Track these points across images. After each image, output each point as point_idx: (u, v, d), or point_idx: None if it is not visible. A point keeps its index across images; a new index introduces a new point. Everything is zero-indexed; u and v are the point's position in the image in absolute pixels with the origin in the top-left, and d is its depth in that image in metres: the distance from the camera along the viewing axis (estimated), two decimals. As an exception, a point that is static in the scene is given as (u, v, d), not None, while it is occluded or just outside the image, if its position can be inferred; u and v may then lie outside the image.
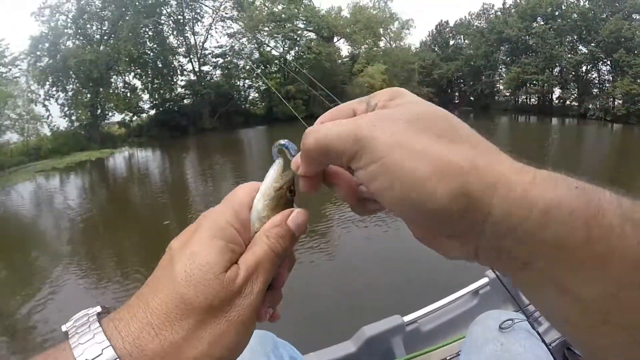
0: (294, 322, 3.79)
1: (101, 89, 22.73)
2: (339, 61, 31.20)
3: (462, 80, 42.56)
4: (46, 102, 21.52)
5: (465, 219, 0.27)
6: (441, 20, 44.00)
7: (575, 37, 30.53)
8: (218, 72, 27.56)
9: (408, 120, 0.30)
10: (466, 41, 41.15)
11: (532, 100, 35.31)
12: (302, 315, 3.88)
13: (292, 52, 28.41)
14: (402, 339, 1.69)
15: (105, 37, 23.36)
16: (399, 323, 1.69)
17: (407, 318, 1.76)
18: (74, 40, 22.73)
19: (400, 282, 4.50)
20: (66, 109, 22.21)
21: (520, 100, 35.93)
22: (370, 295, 4.27)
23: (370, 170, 0.30)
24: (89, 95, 22.40)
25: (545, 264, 0.26)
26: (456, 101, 43.40)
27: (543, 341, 0.92)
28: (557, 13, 31.28)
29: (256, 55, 28.50)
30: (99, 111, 22.87)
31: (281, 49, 28.11)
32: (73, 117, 22.21)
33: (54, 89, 22.00)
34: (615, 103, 27.16)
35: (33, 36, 21.29)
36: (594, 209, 0.25)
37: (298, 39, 28.27)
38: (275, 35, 27.67)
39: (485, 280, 2.00)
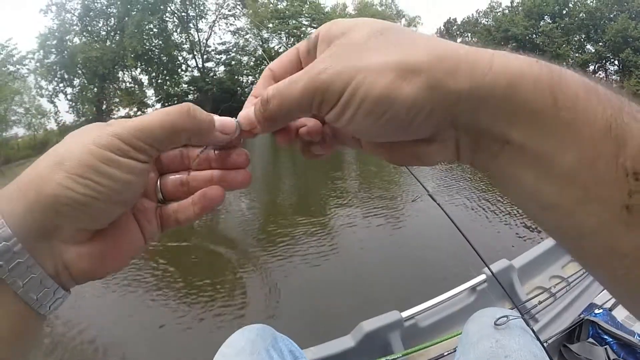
0: (294, 317, 3.81)
1: (107, 84, 23.01)
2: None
3: (468, 79, 42.38)
4: (54, 98, 21.88)
5: (437, 111, 0.28)
6: (449, 18, 43.93)
7: (583, 36, 30.31)
8: (221, 68, 27.77)
9: (358, 45, 0.30)
10: (474, 39, 41.00)
11: (539, 99, 35.09)
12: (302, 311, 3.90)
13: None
14: (400, 334, 1.71)
15: (112, 34, 23.59)
16: (397, 318, 1.70)
17: (405, 314, 1.77)
18: (80, 37, 23.09)
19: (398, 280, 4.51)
20: (73, 103, 22.54)
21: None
22: (368, 290, 4.29)
23: (339, 105, 0.29)
24: (95, 91, 22.74)
25: (520, 135, 0.26)
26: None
27: (537, 339, 0.94)
28: (564, 12, 31.08)
29: (259, 52, 28.52)
30: (104, 106, 23.20)
31: (285, 46, 28.12)
32: (80, 112, 22.51)
33: (62, 84, 22.39)
34: (622, 103, 26.95)
35: (41, 33, 21.77)
36: (557, 78, 0.26)
37: (302, 35, 28.24)
38: (279, 32, 27.68)
39: (482, 277, 2.01)
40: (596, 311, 1.69)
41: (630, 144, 0.23)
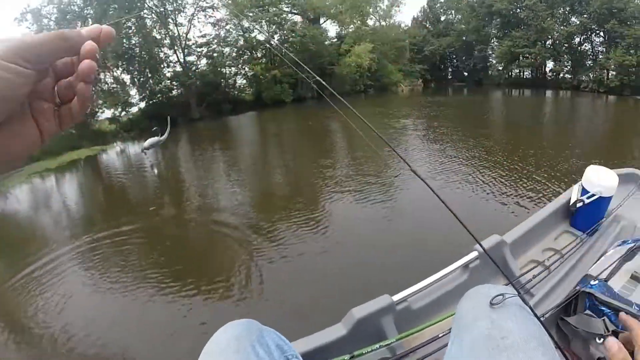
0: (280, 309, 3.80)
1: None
2: (327, 42, 30.80)
3: (454, 56, 42.44)
4: (36, 104, 21.66)
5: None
6: (432, -4, 43.52)
7: (567, 8, 30.21)
8: (204, 61, 27.51)
9: None
10: (458, 16, 40.87)
11: (526, 73, 35.13)
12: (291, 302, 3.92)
13: (276, 37, 28.13)
14: (392, 318, 1.66)
15: (91, 35, 23.32)
16: (388, 303, 1.65)
17: (397, 297, 1.71)
18: (59, 41, 22.77)
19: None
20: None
21: (513, 74, 35.73)
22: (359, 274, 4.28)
23: None
24: (77, 94, 22.51)
25: None
26: (449, 77, 43.36)
27: (535, 315, 0.87)
28: (547, -16, 31.01)
29: (241, 42, 28.19)
30: (88, 109, 22.93)
31: (266, 34, 27.88)
32: (64, 117, 22.30)
33: (43, 90, 22.09)
34: (609, 75, 27.03)
35: None
36: None
37: (283, 22, 27.93)
38: (260, 20, 27.33)
39: (474, 254, 1.95)
40: (592, 282, 1.63)
41: None
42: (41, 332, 3.85)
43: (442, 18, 43.32)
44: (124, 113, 24.81)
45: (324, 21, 32.27)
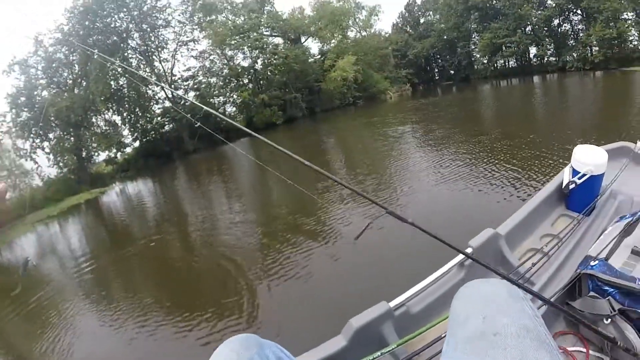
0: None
1: (83, 131, 23.08)
2: (310, 60, 31.12)
3: (439, 56, 42.81)
4: (32, 154, 21.91)
5: None
6: (409, 1, 44.08)
7: (542, -8, 30.60)
8: (192, 94, 27.85)
9: None
10: (436, 16, 41.33)
11: (511, 62, 35.36)
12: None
13: (259, 61, 28.52)
14: (392, 324, 1.63)
15: (79, 81, 23.72)
16: (386, 309, 1.62)
17: (394, 303, 1.68)
18: (48, 90, 23.17)
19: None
20: (53, 156, 22.55)
21: (498, 65, 35.97)
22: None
23: None
24: (72, 140, 22.76)
25: None
26: (436, 78, 43.62)
27: (530, 306, 0.84)
28: (519, -28, 31.40)
29: (226, 70, 28.55)
30: (84, 153, 23.24)
31: (249, 60, 28.22)
32: (61, 164, 22.51)
33: (38, 140, 22.47)
34: (593, 51, 27.19)
35: (9, 93, 22.03)
36: None
37: (265, 46, 28.28)
38: (242, 47, 27.70)
39: (469, 250, 1.91)
40: (592, 263, 1.60)
41: None
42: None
43: (422, 20, 43.84)
44: (119, 154, 25.02)
45: (305, 39, 32.74)
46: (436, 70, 44.53)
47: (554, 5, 29.41)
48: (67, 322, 5.18)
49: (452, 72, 41.08)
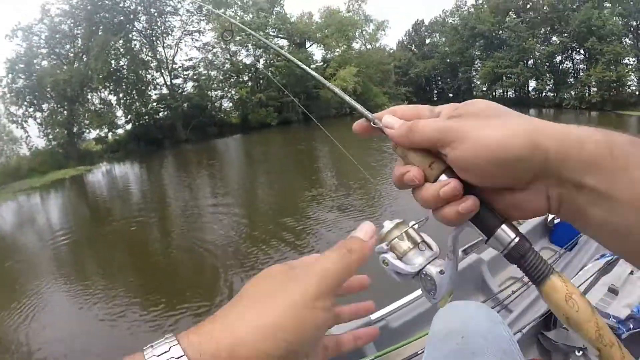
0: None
1: (76, 107, 22.74)
2: (312, 66, 31.11)
3: (439, 78, 43.13)
4: (24, 123, 21.55)
5: (535, 161, 0.36)
6: (417, 20, 44.59)
7: (548, 28, 31.09)
8: (190, 84, 27.73)
9: (476, 114, 0.40)
10: (442, 39, 41.67)
11: (509, 93, 35.72)
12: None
13: (262, 60, 28.49)
14: None
15: (80, 55, 23.38)
16: (366, 322, 1.62)
17: (375, 316, 1.69)
18: (48, 60, 22.91)
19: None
20: (43, 128, 22.15)
21: (497, 93, 36.36)
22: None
23: (462, 148, 0.38)
24: (65, 114, 22.41)
25: (591, 180, 0.34)
26: (435, 99, 43.90)
27: (507, 331, 0.86)
28: (528, 6, 31.92)
29: (227, 65, 28.50)
30: (75, 129, 22.90)
31: (252, 58, 28.15)
32: (50, 136, 22.14)
33: (31, 109, 22.12)
34: (590, 91, 27.66)
35: (8, 58, 21.67)
36: (611, 141, 0.35)
37: (268, 46, 28.13)
38: (246, 44, 27.65)
39: None
40: (569, 297, 1.62)
41: None
42: None
43: (427, 41, 44.19)
44: (110, 134, 24.71)
45: (310, 45, 32.81)
46: (435, 91, 44.83)
47: (558, 42, 29.89)
48: (33, 292, 5.12)
49: (450, 95, 41.30)
